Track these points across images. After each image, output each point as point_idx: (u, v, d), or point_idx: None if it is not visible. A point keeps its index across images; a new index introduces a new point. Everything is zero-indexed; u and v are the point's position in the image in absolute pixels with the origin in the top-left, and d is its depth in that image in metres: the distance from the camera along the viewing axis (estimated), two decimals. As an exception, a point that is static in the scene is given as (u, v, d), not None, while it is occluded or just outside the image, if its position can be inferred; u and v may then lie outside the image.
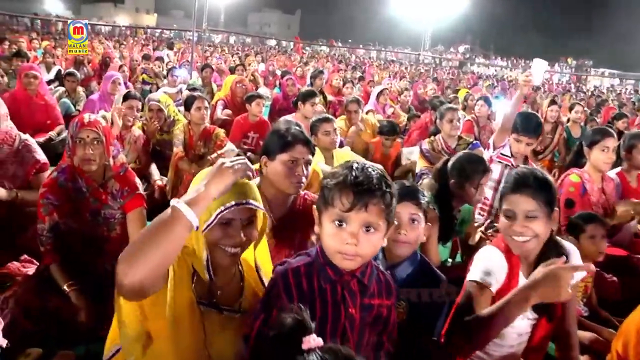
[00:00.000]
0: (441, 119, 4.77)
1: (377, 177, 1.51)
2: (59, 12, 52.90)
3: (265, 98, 7.23)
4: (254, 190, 1.74)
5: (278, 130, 2.46)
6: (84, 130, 2.78)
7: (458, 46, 53.30)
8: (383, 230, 1.54)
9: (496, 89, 16.63)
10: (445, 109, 4.79)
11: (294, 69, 15.94)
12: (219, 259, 1.71)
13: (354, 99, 6.11)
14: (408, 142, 6.42)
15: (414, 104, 9.08)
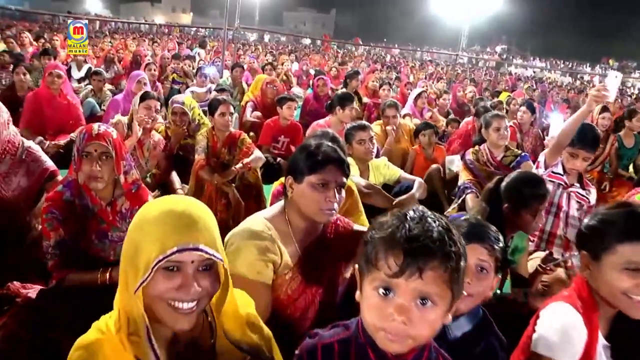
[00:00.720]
0: (487, 128, 4.36)
1: (439, 230, 1.12)
2: (97, 12, 53.71)
3: (298, 98, 6.93)
4: (210, 226, 1.30)
5: (307, 147, 2.08)
6: (91, 143, 2.44)
7: (495, 46, 52.18)
8: (446, 304, 1.14)
9: (535, 91, 16.02)
10: (492, 116, 4.37)
11: (328, 69, 15.68)
12: (168, 321, 1.28)
13: (392, 103, 5.73)
14: (449, 151, 5.99)
15: (453, 107, 8.64)
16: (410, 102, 7.45)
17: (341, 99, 5.30)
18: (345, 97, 5.31)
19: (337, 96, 5.40)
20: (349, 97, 5.30)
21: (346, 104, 5.24)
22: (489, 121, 4.34)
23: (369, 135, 3.80)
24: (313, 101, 7.13)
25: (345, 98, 5.28)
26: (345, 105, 5.25)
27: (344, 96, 5.33)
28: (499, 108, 7.51)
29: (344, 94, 5.46)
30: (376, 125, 5.84)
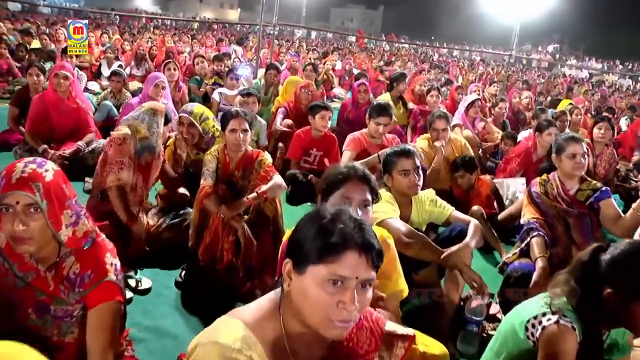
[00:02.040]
0: (559, 153, 3.54)
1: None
2: (147, 8, 54.06)
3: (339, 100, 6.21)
4: None
5: (319, 217, 1.41)
6: (11, 193, 1.72)
7: (547, 45, 50.11)
8: None
9: (595, 96, 14.87)
10: (566, 139, 3.55)
11: (373, 68, 14.88)
12: None
13: (442, 114, 4.95)
14: (505, 172, 5.18)
15: (508, 116, 7.74)
16: (462, 111, 6.63)
17: (372, 110, 4.75)
18: (376, 108, 4.71)
19: (371, 107, 4.83)
20: (380, 109, 4.69)
21: (373, 116, 4.64)
22: (562, 146, 3.52)
23: (415, 165, 3.05)
24: (351, 108, 6.38)
25: (375, 110, 4.69)
26: (372, 117, 4.67)
27: (375, 107, 4.75)
28: (561, 120, 6.64)
29: (376, 105, 4.84)
30: (422, 140, 5.09)
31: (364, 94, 6.27)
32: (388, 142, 4.82)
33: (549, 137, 5.04)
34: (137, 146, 3.46)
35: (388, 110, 4.66)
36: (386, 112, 4.64)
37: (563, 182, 3.55)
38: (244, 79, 7.16)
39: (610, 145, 5.82)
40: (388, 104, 4.80)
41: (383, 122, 4.64)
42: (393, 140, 4.86)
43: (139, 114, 3.57)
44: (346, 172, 2.19)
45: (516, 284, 3.14)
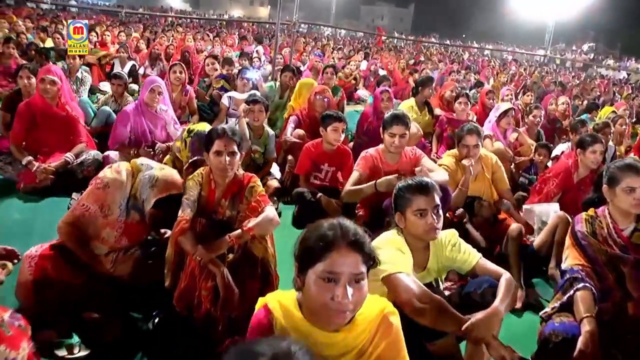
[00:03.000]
0: (612, 184, 2.93)
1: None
2: (176, 6, 54.03)
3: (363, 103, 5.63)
4: None
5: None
6: None
7: (581, 44, 48.50)
8: None
9: (636, 99, 13.99)
10: (622, 168, 2.93)
11: (400, 68, 14.24)
12: None
13: (473, 129, 4.34)
14: (541, 195, 4.56)
15: (542, 125, 7.05)
16: (493, 120, 6.01)
17: (385, 120, 4.20)
18: (390, 117, 4.15)
19: (387, 116, 4.23)
20: (393, 117, 4.13)
21: (386, 127, 4.12)
22: (617, 176, 2.92)
23: (434, 203, 2.49)
24: (372, 118, 5.79)
25: (389, 119, 4.14)
26: (385, 128, 4.14)
27: (389, 117, 4.18)
28: (604, 133, 5.97)
29: (390, 114, 4.23)
30: (448, 157, 4.51)
31: (387, 102, 5.67)
32: (407, 158, 4.25)
33: (593, 155, 4.43)
34: (124, 200, 2.96)
35: (403, 119, 4.07)
36: (400, 121, 4.05)
37: (615, 220, 2.95)
38: (253, 82, 6.63)
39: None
40: (403, 113, 4.19)
41: (398, 132, 4.05)
42: (414, 159, 4.27)
43: (149, 174, 3.00)
44: (331, 236, 1.65)
45: (556, 350, 2.53)
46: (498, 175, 4.51)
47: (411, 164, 4.20)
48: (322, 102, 5.50)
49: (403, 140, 4.08)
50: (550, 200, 4.55)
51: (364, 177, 4.10)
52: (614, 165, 3.01)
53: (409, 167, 4.15)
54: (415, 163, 4.19)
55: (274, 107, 7.22)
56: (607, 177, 3.01)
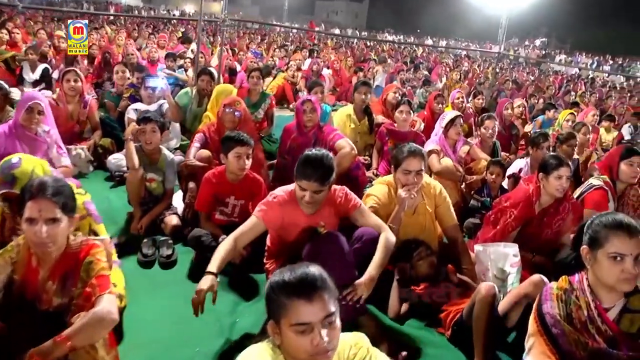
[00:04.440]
0: (594, 246, 2.11)
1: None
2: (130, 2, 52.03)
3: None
4: None
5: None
6: None
7: (534, 39, 48.57)
8: None
9: (592, 97, 13.42)
10: (609, 224, 2.10)
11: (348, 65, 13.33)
12: None
13: (416, 152, 3.47)
14: (496, 229, 3.71)
15: (498, 133, 6.17)
16: (439, 132, 5.14)
17: (297, 167, 3.01)
18: (301, 166, 2.98)
19: (297, 163, 3.04)
20: (306, 165, 2.96)
21: (297, 177, 3.01)
22: (602, 236, 2.09)
23: (322, 315, 1.57)
24: (296, 134, 4.84)
25: (300, 168, 2.98)
26: (296, 177, 3.02)
27: (300, 164, 3.00)
28: (569, 144, 5.19)
29: (302, 160, 3.01)
30: (380, 185, 3.60)
31: (311, 114, 4.70)
32: (332, 206, 3.22)
33: (558, 181, 3.61)
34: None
35: (316, 172, 2.92)
36: (313, 175, 2.91)
37: (597, 295, 2.09)
38: (159, 92, 5.61)
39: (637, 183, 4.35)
40: (320, 161, 2.96)
41: (310, 189, 2.95)
42: (342, 206, 3.22)
43: None
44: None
45: None
46: (443, 208, 3.63)
47: (337, 213, 3.24)
48: (232, 117, 4.51)
49: (317, 196, 3.00)
50: (508, 235, 3.71)
51: (260, 230, 3.10)
52: (599, 220, 2.15)
53: (331, 218, 3.21)
54: (345, 211, 3.22)
55: (192, 116, 6.26)
56: (588, 234, 2.15)
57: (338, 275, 2.70)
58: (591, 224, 2.17)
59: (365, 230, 3.10)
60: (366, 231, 3.10)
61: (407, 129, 5.50)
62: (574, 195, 4.19)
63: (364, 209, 3.20)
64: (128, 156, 4.06)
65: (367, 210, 3.22)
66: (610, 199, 4.17)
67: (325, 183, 2.92)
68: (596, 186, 4.18)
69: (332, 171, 2.96)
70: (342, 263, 2.88)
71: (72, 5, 32.84)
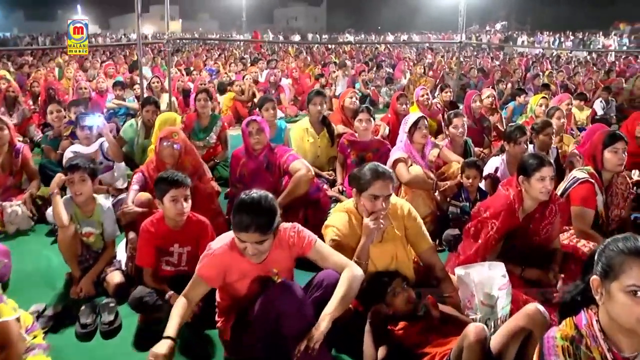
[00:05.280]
0: (607, 277, 1.67)
1: None
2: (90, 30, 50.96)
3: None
4: None
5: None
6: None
7: (494, 24, 48.69)
8: None
9: (559, 75, 13.13)
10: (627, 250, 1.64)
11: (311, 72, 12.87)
12: None
13: (384, 174, 2.93)
14: (477, 244, 3.29)
15: (468, 127, 5.73)
16: (405, 138, 4.69)
17: (233, 215, 2.52)
18: (236, 217, 2.48)
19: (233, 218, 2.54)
20: (241, 215, 2.45)
21: (234, 229, 2.53)
22: (617, 265, 1.64)
23: None
24: (246, 159, 4.35)
25: (236, 217, 2.48)
26: (233, 228, 2.55)
27: (235, 214, 2.49)
28: (546, 133, 4.81)
29: (237, 205, 2.52)
30: (339, 213, 3.14)
31: (258, 135, 4.23)
32: (284, 248, 2.73)
33: (541, 183, 3.19)
34: None
35: (254, 221, 2.43)
36: (252, 224, 2.43)
37: (613, 340, 1.65)
38: (97, 130, 5.08)
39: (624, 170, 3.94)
40: (257, 206, 2.47)
41: (250, 240, 2.47)
42: (296, 247, 2.73)
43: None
44: None
45: None
46: (414, 230, 3.16)
47: (291, 255, 2.77)
48: (171, 150, 4.01)
49: (262, 246, 2.52)
50: (491, 250, 3.29)
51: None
52: (614, 244, 1.69)
53: (285, 263, 2.75)
54: (300, 252, 2.75)
55: (140, 150, 5.78)
56: (600, 261, 1.70)
57: (295, 331, 2.27)
58: (604, 249, 1.71)
59: (327, 275, 2.64)
60: (327, 275, 2.64)
61: (370, 138, 5.05)
62: (558, 192, 3.78)
63: (321, 246, 2.73)
64: (55, 213, 3.55)
65: (326, 248, 2.75)
66: (597, 192, 3.77)
67: (267, 231, 2.46)
68: (581, 179, 3.77)
69: (273, 214, 2.50)
70: (298, 317, 2.42)
71: (27, 40, 32.14)
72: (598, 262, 1.71)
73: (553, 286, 3.22)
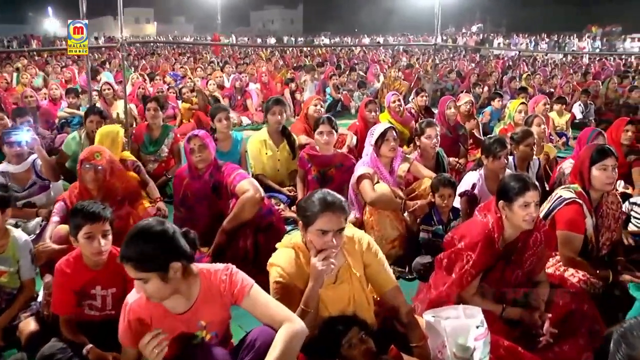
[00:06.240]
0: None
1: None
2: (57, 31, 50.12)
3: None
4: None
5: None
6: None
7: (470, 26, 48.75)
8: None
9: (537, 77, 12.82)
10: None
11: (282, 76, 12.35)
12: None
13: (334, 203, 2.40)
14: (452, 281, 2.82)
15: (442, 134, 5.23)
16: (370, 151, 4.19)
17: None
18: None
19: None
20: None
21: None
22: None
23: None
24: (189, 179, 3.82)
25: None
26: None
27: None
28: (527, 144, 4.39)
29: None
30: (285, 250, 2.61)
31: (201, 153, 3.70)
32: (213, 295, 2.25)
33: (525, 210, 2.72)
34: None
35: (125, 253, 2.09)
36: (123, 257, 2.10)
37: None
38: (27, 146, 4.48)
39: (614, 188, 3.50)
40: (135, 236, 2.11)
41: (132, 276, 2.10)
42: (226, 295, 2.26)
43: None
44: None
45: None
46: (375, 267, 2.64)
47: (224, 305, 2.28)
48: (93, 174, 3.45)
49: (145, 286, 2.10)
50: (467, 287, 2.81)
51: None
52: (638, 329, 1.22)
53: (216, 314, 2.26)
54: (231, 301, 2.26)
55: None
56: (621, 351, 1.23)
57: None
58: (625, 334, 1.25)
59: (261, 332, 2.15)
60: (261, 333, 2.14)
61: (332, 152, 4.56)
62: (541, 213, 3.32)
63: (256, 294, 2.23)
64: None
65: (262, 297, 2.25)
66: (586, 214, 3.31)
67: (140, 268, 2.06)
68: (568, 200, 3.32)
69: (154, 248, 2.08)
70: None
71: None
72: (617, 351, 1.24)
73: (539, 327, 2.75)
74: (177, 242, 2.12)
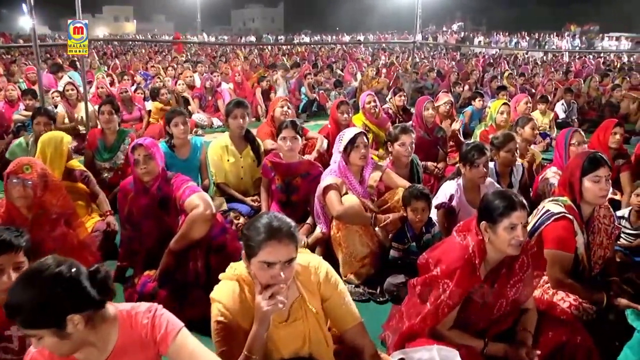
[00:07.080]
0: None
1: None
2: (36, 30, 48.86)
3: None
4: None
5: None
6: None
7: (450, 24, 48.70)
8: None
9: (520, 78, 12.56)
10: None
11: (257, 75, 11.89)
12: None
13: (280, 229, 1.97)
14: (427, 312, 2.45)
15: (418, 138, 4.85)
16: (339, 159, 3.81)
17: None
18: None
19: None
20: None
21: None
22: None
23: None
24: (135, 193, 3.38)
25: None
26: None
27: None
28: (509, 149, 4.05)
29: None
30: (226, 282, 2.19)
31: (146, 164, 3.26)
32: (138, 341, 1.84)
33: (510, 233, 2.34)
34: None
35: (8, 305, 1.67)
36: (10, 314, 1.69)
37: None
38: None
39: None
40: (28, 282, 1.68)
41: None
42: (149, 341, 1.86)
43: None
44: None
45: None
46: (335, 301, 2.24)
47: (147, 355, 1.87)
48: (21, 190, 3.01)
49: (38, 344, 1.71)
50: (443, 319, 2.43)
51: None
52: None
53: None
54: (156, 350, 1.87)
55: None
56: None
57: None
58: None
59: None
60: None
61: (297, 159, 4.15)
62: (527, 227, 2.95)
63: (184, 341, 1.84)
64: None
65: (191, 344, 1.84)
66: (577, 230, 2.94)
67: (28, 325, 1.67)
68: (556, 215, 2.94)
69: (44, 302, 1.65)
70: None
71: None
72: None
73: (527, 366, 2.38)
74: (76, 287, 1.70)
